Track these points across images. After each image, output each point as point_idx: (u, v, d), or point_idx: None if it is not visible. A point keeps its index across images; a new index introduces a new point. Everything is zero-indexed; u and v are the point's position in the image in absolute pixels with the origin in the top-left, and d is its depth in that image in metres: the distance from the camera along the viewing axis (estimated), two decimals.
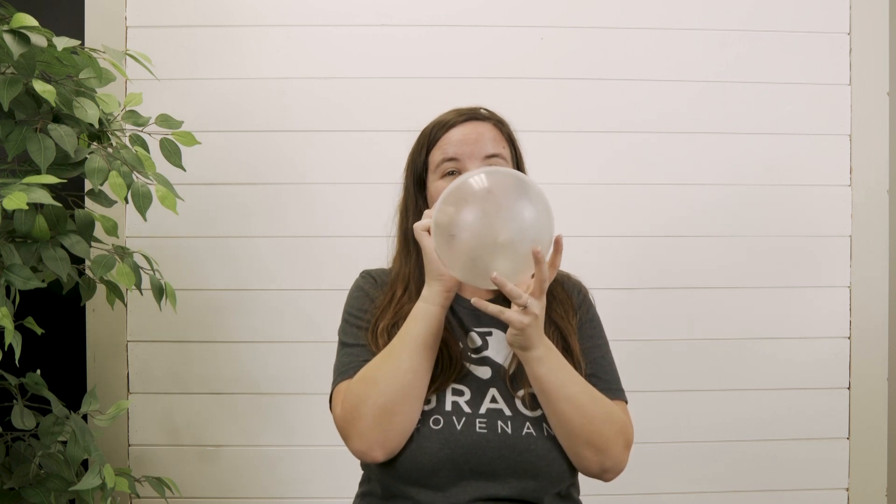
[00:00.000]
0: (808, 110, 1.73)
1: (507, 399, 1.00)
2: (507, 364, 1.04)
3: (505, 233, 0.88)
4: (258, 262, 1.69)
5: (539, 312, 0.90)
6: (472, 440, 0.96)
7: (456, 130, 1.06)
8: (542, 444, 0.97)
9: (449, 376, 1.01)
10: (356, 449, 0.96)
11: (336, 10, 1.69)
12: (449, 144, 1.05)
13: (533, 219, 0.90)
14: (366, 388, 0.96)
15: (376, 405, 0.94)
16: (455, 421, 0.97)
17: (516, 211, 0.90)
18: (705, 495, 1.72)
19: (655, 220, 1.72)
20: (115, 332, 1.68)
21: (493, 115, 1.11)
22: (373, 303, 1.08)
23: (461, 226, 0.89)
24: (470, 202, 0.90)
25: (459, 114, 1.08)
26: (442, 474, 0.96)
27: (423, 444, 0.96)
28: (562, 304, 1.09)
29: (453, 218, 0.90)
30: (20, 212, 1.17)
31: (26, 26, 1.13)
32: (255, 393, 1.69)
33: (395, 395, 0.94)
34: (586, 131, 1.71)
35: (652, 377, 1.71)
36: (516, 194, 0.90)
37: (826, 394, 1.73)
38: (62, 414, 1.33)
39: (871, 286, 1.73)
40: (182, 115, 1.49)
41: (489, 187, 0.90)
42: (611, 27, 1.72)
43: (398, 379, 0.95)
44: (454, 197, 0.91)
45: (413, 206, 1.10)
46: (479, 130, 1.06)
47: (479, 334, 1.07)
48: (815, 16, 1.73)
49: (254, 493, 1.69)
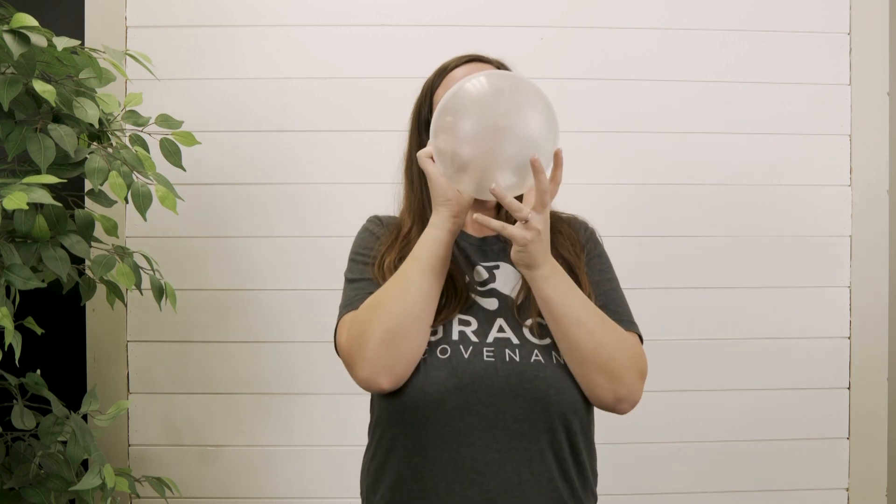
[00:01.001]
0: (808, 110, 1.73)
1: (514, 328, 0.99)
2: (514, 295, 1.03)
3: (509, 144, 0.85)
4: (258, 262, 1.69)
5: (542, 228, 0.89)
6: (479, 368, 0.95)
7: (459, 70, 1.07)
8: (551, 372, 0.96)
9: (455, 307, 1.00)
10: (362, 376, 0.94)
11: (336, 10, 1.69)
12: (452, 80, 1.05)
13: (538, 127, 0.86)
14: (372, 313, 0.95)
15: (383, 328, 0.93)
16: (462, 350, 0.96)
17: (520, 118, 0.86)
18: (705, 495, 1.72)
19: (655, 221, 1.72)
20: (115, 332, 1.68)
21: (496, 60, 1.11)
22: (378, 240, 1.08)
23: (461, 137, 0.86)
24: (469, 109, 0.86)
25: (462, 57, 1.09)
26: (449, 404, 0.94)
27: (431, 372, 0.95)
28: (569, 239, 1.08)
29: (452, 128, 0.87)
30: (20, 212, 1.17)
31: (26, 26, 1.13)
32: (255, 393, 1.69)
33: (403, 318, 0.93)
34: (586, 131, 1.71)
35: (652, 377, 1.70)
36: (520, 99, 0.86)
37: (826, 394, 1.73)
38: (62, 414, 1.33)
39: (871, 286, 1.73)
40: (182, 115, 1.49)
41: (489, 91, 0.87)
42: (611, 27, 1.72)
43: (406, 300, 0.93)
44: (452, 104, 0.88)
45: (419, 148, 1.08)
46: (482, 69, 1.04)
47: (485, 268, 1.06)
48: (815, 16, 1.73)
49: (254, 493, 1.69)
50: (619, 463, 1.70)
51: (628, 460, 1.71)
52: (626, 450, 1.70)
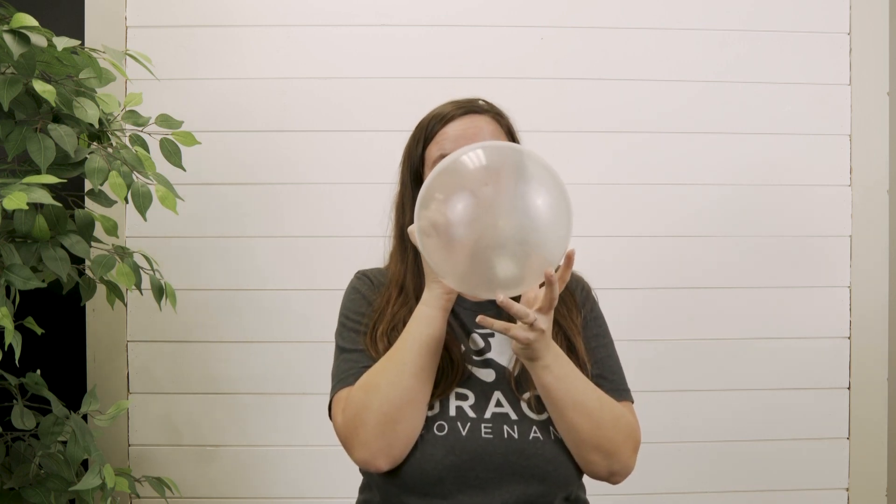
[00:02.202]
0: (808, 110, 1.73)
1: (512, 402, 0.98)
2: (511, 366, 1.01)
3: (509, 227, 0.74)
4: (258, 262, 1.69)
5: (546, 327, 0.87)
6: (477, 445, 0.94)
7: (453, 125, 1.02)
8: (549, 448, 0.95)
9: (452, 381, 0.98)
10: (359, 458, 0.93)
11: (336, 10, 1.69)
12: (446, 140, 1.01)
13: (545, 210, 0.74)
14: (368, 396, 0.93)
15: (379, 412, 0.91)
16: (460, 427, 0.95)
17: (523, 197, 0.75)
18: (705, 495, 1.72)
19: (655, 221, 1.72)
20: (115, 332, 1.68)
21: (491, 108, 1.07)
22: (370, 305, 1.05)
23: (453, 219, 0.75)
24: (464, 187, 0.75)
25: (457, 106, 1.04)
26: (447, 482, 0.93)
27: (428, 450, 0.94)
28: (564, 302, 1.06)
29: (443, 209, 0.75)
30: (20, 212, 1.17)
31: (26, 26, 1.13)
32: (255, 393, 1.69)
33: (399, 402, 0.91)
34: (586, 131, 1.71)
35: (652, 377, 1.71)
36: (524, 175, 0.75)
37: (826, 394, 1.73)
38: (62, 414, 1.33)
39: (871, 286, 1.73)
40: (182, 115, 1.49)
41: (487, 165, 0.76)
42: (611, 27, 1.72)
43: (401, 384, 0.92)
44: (443, 181, 0.77)
45: (410, 201, 1.05)
46: (477, 124, 1.02)
47: (480, 336, 1.04)
48: (815, 16, 1.73)
49: (254, 493, 1.69)
50: None
51: None
52: None
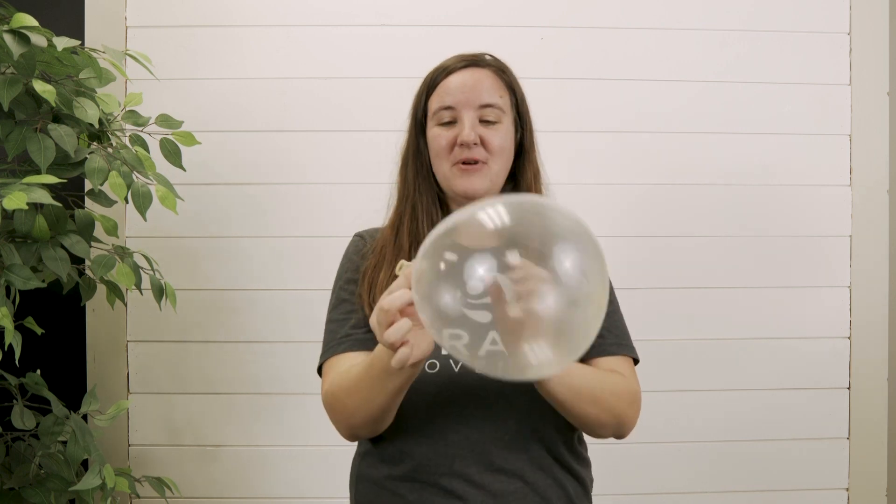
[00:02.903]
0: (808, 110, 1.73)
1: None
2: None
3: (542, 301, 0.64)
4: (258, 262, 1.69)
5: None
6: (471, 380, 0.94)
7: (454, 77, 1.02)
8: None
9: None
10: (342, 434, 0.98)
11: (336, 10, 1.69)
12: (446, 92, 1.02)
13: (573, 270, 0.63)
14: (342, 409, 0.95)
15: (348, 424, 0.95)
16: (452, 364, 0.95)
17: (557, 266, 0.63)
18: (705, 495, 1.72)
19: (655, 221, 1.72)
20: (115, 332, 1.68)
21: (496, 62, 1.06)
22: (357, 272, 1.05)
23: (469, 290, 0.64)
24: (478, 254, 0.64)
25: (460, 59, 1.04)
26: (438, 420, 0.94)
27: (420, 388, 0.93)
28: None
29: (454, 274, 0.63)
30: (20, 212, 1.17)
31: (26, 26, 1.14)
32: (255, 393, 1.69)
33: (367, 421, 0.93)
34: (586, 131, 1.71)
35: (652, 377, 1.71)
36: (555, 233, 0.64)
37: (826, 394, 1.73)
38: (62, 414, 1.33)
39: (871, 286, 1.73)
40: (182, 115, 1.49)
41: (510, 225, 0.63)
42: (611, 27, 1.72)
43: (371, 413, 0.92)
44: (452, 240, 0.65)
45: (414, 150, 1.07)
46: (476, 77, 1.01)
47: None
48: (815, 16, 1.73)
49: (254, 493, 1.69)
50: (620, 463, 1.70)
51: (628, 460, 1.71)
52: (626, 450, 1.70)
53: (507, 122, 1.02)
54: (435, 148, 1.02)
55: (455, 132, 1.00)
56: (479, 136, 0.99)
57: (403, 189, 1.08)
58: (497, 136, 1.00)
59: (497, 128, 1.01)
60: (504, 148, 1.02)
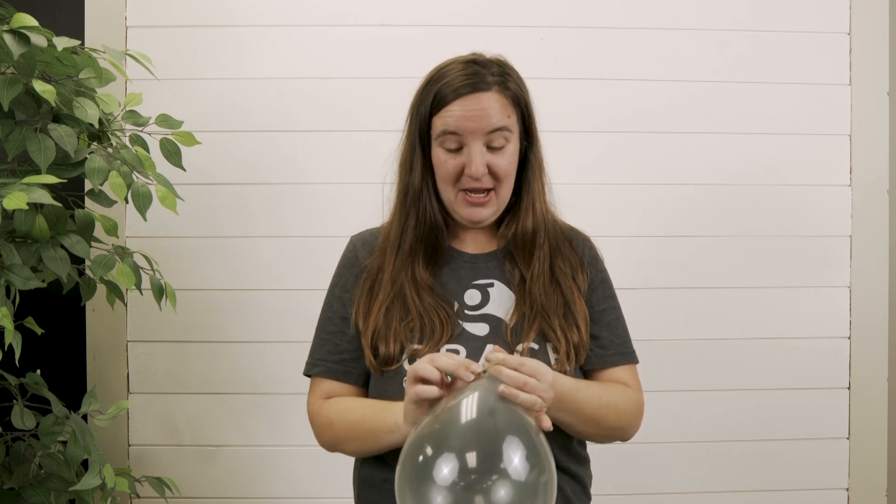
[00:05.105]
0: (808, 110, 1.73)
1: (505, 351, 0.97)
2: (508, 318, 1.00)
3: None
4: (258, 262, 1.69)
5: (552, 394, 0.87)
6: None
7: (458, 104, 0.98)
8: None
9: (440, 338, 0.98)
10: (323, 447, 1.07)
11: (336, 10, 1.69)
12: (451, 117, 0.98)
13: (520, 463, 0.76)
14: (334, 438, 1.04)
15: (341, 449, 1.04)
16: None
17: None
18: (705, 495, 1.72)
19: (655, 220, 1.72)
20: (115, 332, 1.68)
21: (500, 73, 1.01)
22: (347, 291, 1.09)
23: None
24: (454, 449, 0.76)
25: (465, 77, 0.99)
26: None
27: None
28: (568, 261, 1.05)
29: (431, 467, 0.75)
30: (20, 212, 1.17)
31: (26, 26, 1.14)
32: (255, 393, 1.69)
33: (357, 453, 1.04)
34: (586, 131, 1.71)
35: (652, 377, 1.70)
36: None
37: (826, 394, 1.73)
38: (62, 414, 1.33)
39: (871, 286, 1.73)
40: (182, 115, 1.49)
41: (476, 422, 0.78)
42: (611, 27, 1.71)
43: (361, 452, 1.02)
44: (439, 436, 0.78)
45: (414, 161, 1.04)
46: (483, 104, 0.97)
47: (479, 288, 1.03)
48: (815, 16, 1.73)
49: (254, 493, 1.69)
50: (620, 463, 1.70)
51: (628, 460, 1.71)
52: (626, 450, 1.70)
53: (514, 141, 1.01)
54: (441, 173, 1.01)
55: (461, 161, 0.98)
56: (486, 166, 0.98)
57: (403, 202, 1.06)
58: (504, 160, 0.99)
59: (504, 151, 0.99)
60: (511, 171, 1.01)
